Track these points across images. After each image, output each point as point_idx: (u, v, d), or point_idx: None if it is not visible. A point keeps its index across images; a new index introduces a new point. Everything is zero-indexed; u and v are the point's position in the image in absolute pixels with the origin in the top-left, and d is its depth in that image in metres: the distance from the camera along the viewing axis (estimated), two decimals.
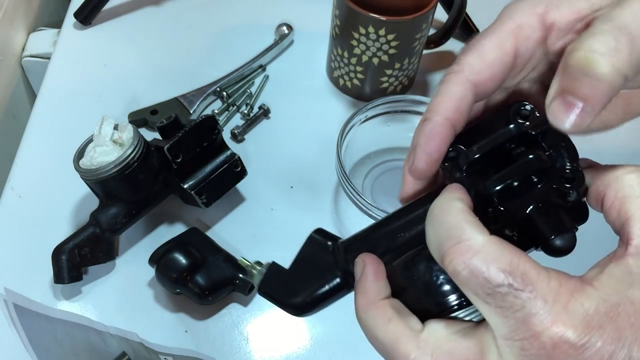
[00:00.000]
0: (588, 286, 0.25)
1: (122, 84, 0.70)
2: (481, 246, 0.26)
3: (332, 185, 0.63)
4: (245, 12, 0.78)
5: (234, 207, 0.61)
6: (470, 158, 0.30)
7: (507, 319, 0.25)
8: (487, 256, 0.26)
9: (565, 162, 0.29)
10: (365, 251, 0.33)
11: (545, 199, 0.29)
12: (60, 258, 0.53)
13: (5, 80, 0.74)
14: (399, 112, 0.62)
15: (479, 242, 0.26)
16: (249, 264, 0.42)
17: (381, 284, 0.31)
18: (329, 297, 0.35)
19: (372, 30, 0.61)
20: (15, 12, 0.75)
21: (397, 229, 0.33)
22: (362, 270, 0.32)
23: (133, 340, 0.52)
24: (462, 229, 0.27)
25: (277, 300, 0.36)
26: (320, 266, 0.35)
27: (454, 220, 0.27)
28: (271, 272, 0.37)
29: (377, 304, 0.30)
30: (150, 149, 0.54)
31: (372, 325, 0.30)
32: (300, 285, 0.36)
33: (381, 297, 0.31)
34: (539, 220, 0.29)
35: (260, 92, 0.71)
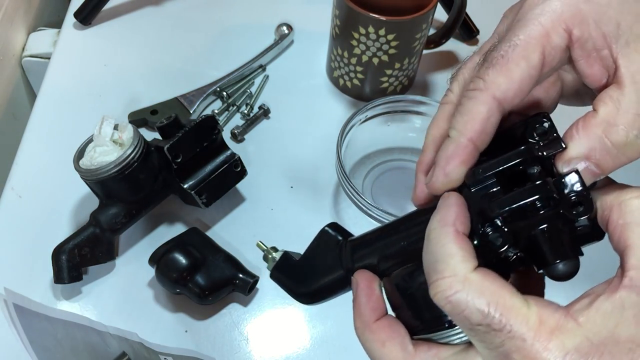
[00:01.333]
0: (572, 322, 0.25)
1: (122, 84, 0.70)
2: (462, 284, 0.26)
3: (332, 185, 0.63)
4: (245, 12, 0.78)
5: (234, 207, 0.61)
6: (477, 177, 0.30)
7: (491, 351, 0.26)
8: (467, 295, 0.26)
9: (574, 187, 0.28)
10: (370, 254, 0.34)
11: (551, 223, 0.28)
12: (60, 258, 0.53)
13: (5, 80, 0.74)
14: (399, 112, 0.62)
15: (460, 279, 0.26)
16: (265, 248, 0.43)
17: (373, 305, 0.32)
18: (334, 291, 0.36)
19: (372, 30, 0.61)
20: (15, 12, 0.75)
21: (402, 237, 0.33)
22: (356, 291, 0.33)
23: (133, 340, 0.52)
24: (447, 263, 0.27)
25: (286, 287, 0.38)
26: (328, 261, 0.36)
27: (441, 251, 0.28)
28: (283, 260, 0.39)
29: (371, 327, 0.31)
30: (150, 149, 0.54)
31: (368, 347, 0.31)
32: (307, 276, 0.37)
33: (374, 319, 0.31)
34: (542, 244, 0.28)
35: (260, 92, 0.71)
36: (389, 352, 0.30)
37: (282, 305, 0.56)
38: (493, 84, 0.29)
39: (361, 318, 0.32)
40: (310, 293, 0.37)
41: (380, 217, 0.54)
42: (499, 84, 0.29)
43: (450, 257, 0.27)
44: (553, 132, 0.30)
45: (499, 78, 0.29)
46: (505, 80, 0.29)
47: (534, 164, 0.29)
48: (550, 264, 0.28)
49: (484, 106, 0.29)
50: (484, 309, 0.26)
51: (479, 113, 0.29)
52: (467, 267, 0.27)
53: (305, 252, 0.38)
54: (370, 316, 0.31)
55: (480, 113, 0.29)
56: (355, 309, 0.32)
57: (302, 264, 0.38)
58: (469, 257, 0.27)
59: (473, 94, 0.30)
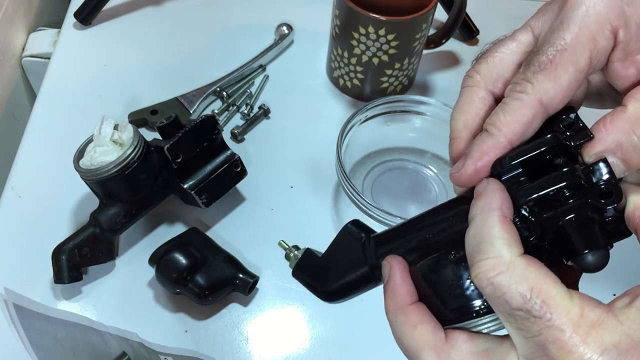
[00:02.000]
0: (613, 319, 0.25)
1: (122, 84, 0.70)
2: (507, 266, 0.26)
3: (332, 185, 0.63)
4: (245, 12, 0.78)
5: (234, 207, 0.61)
6: (504, 166, 0.29)
7: (527, 340, 0.25)
8: (510, 278, 0.26)
9: (603, 176, 0.28)
10: (395, 249, 0.33)
11: (580, 213, 0.28)
12: (60, 258, 0.53)
13: (5, 80, 0.74)
14: (399, 112, 0.62)
15: (505, 261, 0.26)
16: (287, 247, 0.44)
17: (409, 288, 0.31)
18: (357, 288, 0.36)
19: (372, 30, 0.61)
20: (15, 12, 0.75)
21: (427, 230, 0.32)
22: (390, 273, 0.32)
23: (133, 340, 0.52)
24: (492, 244, 0.27)
25: (308, 285, 0.37)
26: (351, 257, 0.35)
27: (487, 233, 0.27)
28: (305, 258, 0.38)
29: (405, 310, 0.31)
30: (150, 149, 0.54)
31: (398, 330, 0.31)
32: (330, 274, 0.37)
33: (409, 302, 0.31)
34: (571, 234, 0.28)
35: (260, 92, 0.71)
36: (419, 335, 0.29)
37: (282, 305, 0.56)
38: (541, 89, 0.29)
39: (395, 300, 0.31)
40: (334, 290, 0.37)
41: (380, 217, 0.54)
42: (547, 90, 0.29)
43: (497, 239, 0.27)
44: (579, 122, 0.29)
45: (547, 83, 0.29)
46: (554, 86, 0.29)
47: (560, 153, 0.29)
48: (579, 254, 0.27)
49: (529, 110, 0.29)
50: (526, 294, 0.25)
51: (524, 116, 0.29)
52: (513, 252, 0.26)
53: (328, 249, 0.38)
54: (405, 298, 0.31)
55: (525, 116, 0.29)
56: (388, 291, 0.32)
57: (325, 261, 0.38)
58: (515, 242, 0.27)
59: (520, 95, 0.29)
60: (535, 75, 0.29)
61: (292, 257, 0.40)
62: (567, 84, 0.29)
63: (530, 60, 0.30)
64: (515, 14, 0.79)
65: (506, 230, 0.27)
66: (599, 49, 0.28)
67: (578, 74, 0.29)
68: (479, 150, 0.30)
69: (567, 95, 0.29)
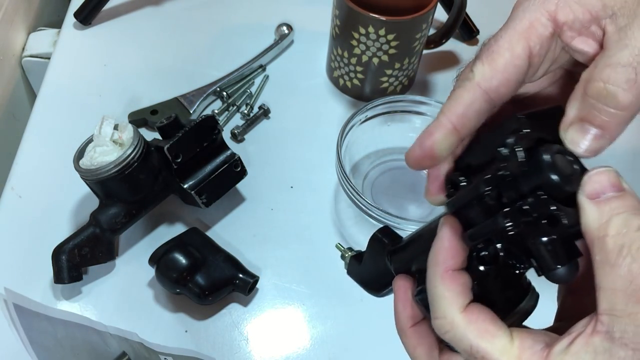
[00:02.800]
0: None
1: (122, 84, 0.70)
2: (450, 325, 0.29)
3: (332, 185, 0.63)
4: (245, 12, 0.78)
5: (234, 207, 0.61)
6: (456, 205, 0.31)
7: None
8: (454, 336, 0.29)
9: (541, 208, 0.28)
10: (403, 264, 0.36)
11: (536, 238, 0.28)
12: (60, 258, 0.53)
13: (5, 80, 0.74)
14: (399, 112, 0.62)
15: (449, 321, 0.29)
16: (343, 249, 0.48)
17: (409, 313, 0.34)
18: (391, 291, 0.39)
19: (372, 30, 0.61)
20: (15, 12, 0.75)
21: (420, 248, 0.34)
22: (395, 297, 0.35)
23: (133, 340, 0.52)
24: (438, 304, 0.30)
25: (359, 283, 0.43)
26: (380, 265, 0.38)
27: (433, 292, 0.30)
28: (352, 262, 0.43)
29: (406, 332, 0.34)
30: (150, 149, 0.54)
31: (405, 347, 0.34)
32: (370, 276, 0.42)
33: (409, 326, 0.34)
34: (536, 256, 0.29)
35: (260, 92, 0.71)
36: (418, 356, 0.33)
37: (282, 305, 0.56)
38: (478, 74, 0.31)
39: (399, 324, 0.35)
40: (376, 289, 0.41)
41: (380, 217, 0.54)
42: (484, 73, 0.31)
43: (440, 299, 0.30)
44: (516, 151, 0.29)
45: (483, 67, 0.31)
46: (489, 69, 0.30)
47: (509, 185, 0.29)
48: (550, 271, 0.28)
49: (468, 93, 0.31)
50: (468, 349, 0.28)
51: (462, 98, 0.31)
52: (454, 310, 0.29)
53: (364, 256, 0.41)
54: (406, 323, 0.34)
55: (464, 98, 0.31)
56: (394, 313, 0.35)
57: (364, 266, 0.42)
58: (457, 297, 0.29)
59: (461, 83, 0.32)
60: (475, 62, 0.31)
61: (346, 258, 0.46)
62: (503, 67, 0.30)
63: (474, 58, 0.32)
64: None
65: (448, 288, 0.30)
66: (537, 34, 0.30)
67: (515, 59, 0.30)
68: (425, 131, 0.32)
69: (507, 78, 0.30)
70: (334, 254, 0.58)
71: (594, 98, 0.28)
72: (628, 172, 0.31)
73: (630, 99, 0.27)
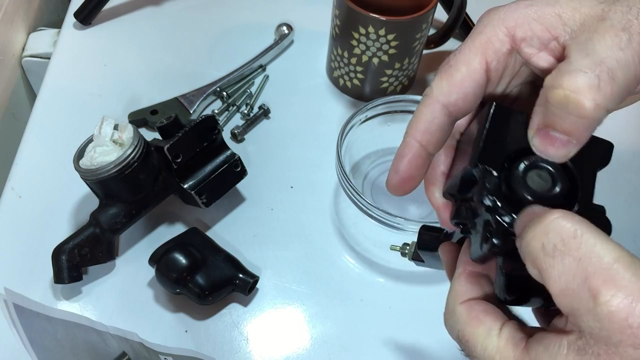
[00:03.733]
0: (525, 356, 0.27)
1: (122, 84, 0.70)
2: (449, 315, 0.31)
3: (332, 185, 0.63)
4: (245, 12, 0.78)
5: (234, 207, 0.61)
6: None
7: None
8: (449, 325, 0.31)
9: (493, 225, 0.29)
10: None
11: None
12: (60, 258, 0.53)
13: (5, 80, 0.74)
14: (399, 112, 0.62)
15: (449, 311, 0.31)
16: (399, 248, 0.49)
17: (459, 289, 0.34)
18: None
19: (372, 30, 0.61)
20: (15, 12, 0.75)
21: None
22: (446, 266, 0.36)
23: (133, 340, 0.52)
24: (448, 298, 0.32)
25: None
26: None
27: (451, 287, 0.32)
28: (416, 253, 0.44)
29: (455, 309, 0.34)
30: (150, 149, 0.54)
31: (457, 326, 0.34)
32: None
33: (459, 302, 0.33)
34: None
35: (260, 92, 0.71)
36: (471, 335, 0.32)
37: (282, 305, 0.56)
38: (437, 89, 0.32)
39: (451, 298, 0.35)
40: None
41: (380, 217, 0.54)
42: (442, 88, 0.32)
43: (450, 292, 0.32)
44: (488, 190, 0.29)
45: (441, 82, 0.32)
46: (447, 84, 0.32)
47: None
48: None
49: (427, 108, 0.32)
50: (456, 336, 0.30)
51: (423, 114, 0.32)
52: (457, 301, 0.31)
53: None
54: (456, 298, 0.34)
55: (425, 115, 0.32)
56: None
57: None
58: (464, 291, 0.31)
59: (423, 99, 0.33)
60: (435, 78, 0.32)
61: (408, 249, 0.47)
62: (460, 81, 0.31)
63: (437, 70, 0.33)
64: None
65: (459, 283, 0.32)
66: (494, 49, 0.31)
67: (472, 73, 0.31)
68: (396, 155, 0.34)
69: (465, 92, 0.31)
70: (334, 254, 0.58)
71: (556, 105, 0.27)
72: (628, 172, 0.31)
73: (593, 105, 0.26)
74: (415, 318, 0.55)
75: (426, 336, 0.54)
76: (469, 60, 0.31)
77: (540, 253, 0.25)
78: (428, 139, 0.32)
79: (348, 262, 0.59)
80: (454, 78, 0.31)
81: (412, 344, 0.54)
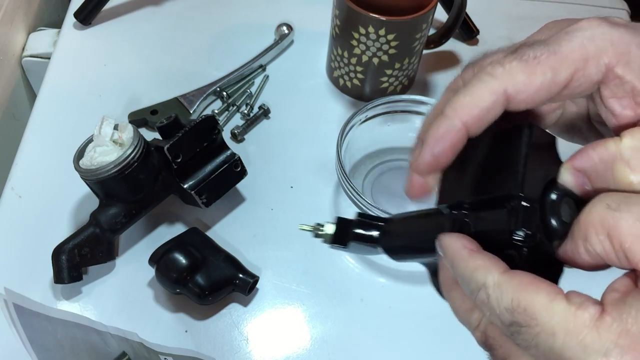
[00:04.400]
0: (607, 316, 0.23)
1: (122, 84, 0.70)
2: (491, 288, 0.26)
3: (332, 185, 0.63)
4: (245, 12, 0.78)
5: (234, 207, 0.61)
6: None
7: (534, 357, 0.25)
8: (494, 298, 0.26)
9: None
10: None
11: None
12: (60, 258, 0.53)
13: (5, 80, 0.74)
14: (399, 112, 0.62)
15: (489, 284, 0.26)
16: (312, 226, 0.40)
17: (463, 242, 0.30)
18: None
19: (372, 30, 0.61)
20: (15, 12, 0.75)
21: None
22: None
23: (133, 340, 0.52)
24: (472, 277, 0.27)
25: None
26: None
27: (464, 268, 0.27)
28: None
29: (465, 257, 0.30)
30: (150, 149, 0.54)
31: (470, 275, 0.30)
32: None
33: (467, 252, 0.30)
34: None
35: (260, 92, 0.71)
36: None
37: (282, 305, 0.56)
38: (510, 77, 0.27)
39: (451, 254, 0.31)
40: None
41: None
42: (517, 81, 0.27)
43: (474, 271, 0.27)
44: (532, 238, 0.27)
45: (520, 75, 0.27)
46: (524, 81, 0.27)
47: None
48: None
49: (490, 95, 0.28)
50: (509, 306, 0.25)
51: (483, 100, 0.28)
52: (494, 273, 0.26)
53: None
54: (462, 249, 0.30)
55: (484, 101, 0.28)
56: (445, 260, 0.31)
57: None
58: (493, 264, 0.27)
59: (486, 77, 0.28)
60: (512, 61, 0.28)
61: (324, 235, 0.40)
62: (539, 86, 0.27)
63: (516, 50, 0.28)
64: (515, 14, 0.79)
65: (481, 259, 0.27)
66: (585, 72, 0.27)
67: (553, 84, 0.27)
68: (435, 136, 0.29)
69: (533, 97, 0.28)
70: (334, 254, 0.58)
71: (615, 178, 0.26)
72: None
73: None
74: (415, 318, 0.55)
75: (426, 336, 0.54)
76: (560, 69, 0.27)
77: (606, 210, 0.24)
78: (478, 127, 0.28)
79: (348, 262, 0.59)
80: (536, 79, 0.27)
81: (412, 344, 0.54)
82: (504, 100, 0.28)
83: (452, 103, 0.28)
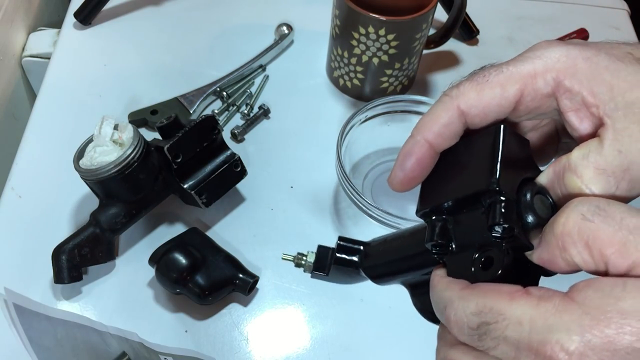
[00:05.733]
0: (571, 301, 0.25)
1: (122, 84, 0.70)
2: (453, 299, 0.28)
3: (332, 185, 0.63)
4: (245, 12, 0.78)
5: (234, 207, 0.61)
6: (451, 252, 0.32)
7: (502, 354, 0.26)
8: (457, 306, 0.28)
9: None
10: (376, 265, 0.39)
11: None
12: (60, 258, 0.53)
13: (5, 80, 0.74)
14: (399, 112, 0.62)
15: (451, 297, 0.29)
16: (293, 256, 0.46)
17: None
18: None
19: (372, 30, 0.61)
20: (15, 12, 0.75)
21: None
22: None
23: (133, 340, 0.52)
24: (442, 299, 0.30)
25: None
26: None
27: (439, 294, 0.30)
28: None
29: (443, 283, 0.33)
30: (150, 149, 0.54)
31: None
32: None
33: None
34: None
35: (260, 92, 0.71)
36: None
37: (282, 305, 0.56)
38: (463, 95, 0.31)
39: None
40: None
41: (380, 217, 0.54)
42: (468, 97, 0.31)
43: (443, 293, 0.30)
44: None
45: (471, 92, 0.31)
46: (475, 97, 0.31)
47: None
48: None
49: (446, 112, 0.31)
50: (474, 309, 0.27)
51: (440, 117, 0.32)
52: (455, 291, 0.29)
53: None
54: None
55: (441, 117, 0.32)
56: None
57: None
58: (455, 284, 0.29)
59: (443, 98, 0.32)
60: (465, 82, 0.31)
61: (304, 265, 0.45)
62: (488, 100, 0.30)
63: (471, 74, 0.32)
64: (515, 14, 0.79)
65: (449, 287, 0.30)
66: (534, 87, 0.30)
67: (502, 99, 0.30)
68: (402, 153, 0.33)
69: (484, 111, 0.31)
70: None
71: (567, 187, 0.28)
72: None
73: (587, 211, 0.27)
74: (415, 318, 0.55)
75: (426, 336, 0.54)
76: (506, 86, 0.30)
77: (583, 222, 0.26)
78: (440, 142, 0.32)
79: None
80: (484, 95, 0.31)
81: (412, 344, 0.54)
82: (458, 115, 0.31)
83: (417, 124, 0.33)
